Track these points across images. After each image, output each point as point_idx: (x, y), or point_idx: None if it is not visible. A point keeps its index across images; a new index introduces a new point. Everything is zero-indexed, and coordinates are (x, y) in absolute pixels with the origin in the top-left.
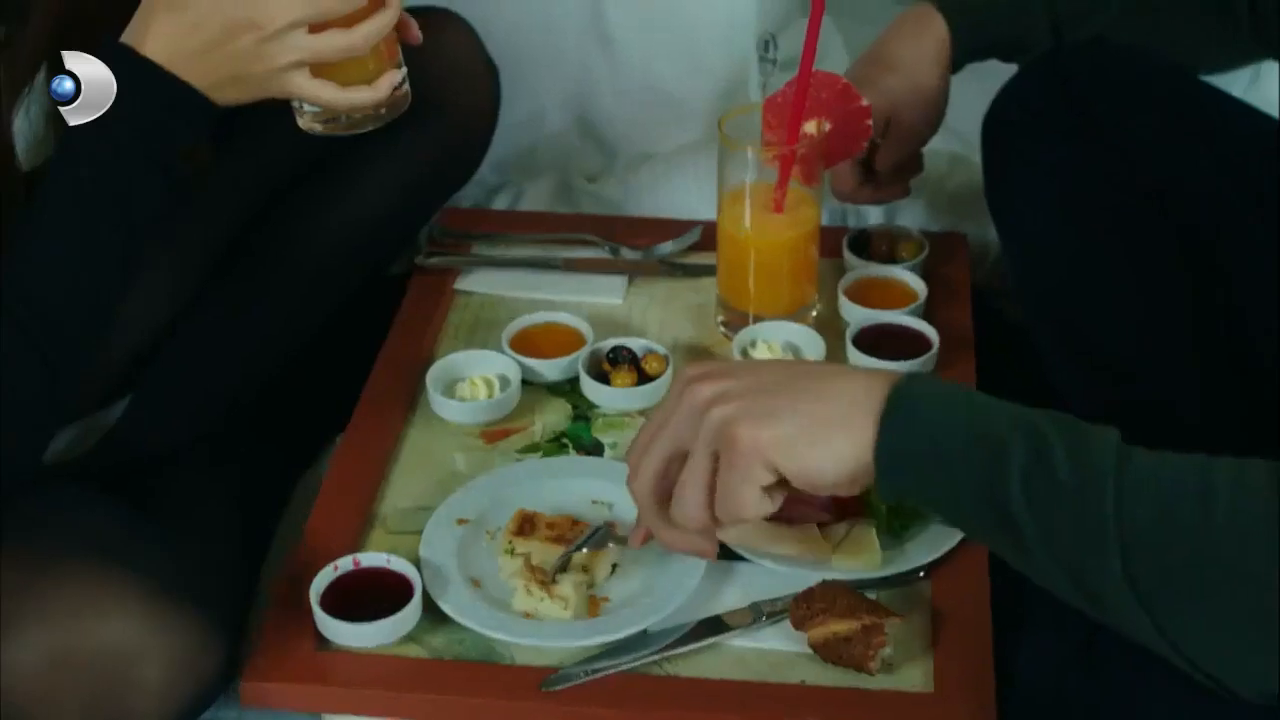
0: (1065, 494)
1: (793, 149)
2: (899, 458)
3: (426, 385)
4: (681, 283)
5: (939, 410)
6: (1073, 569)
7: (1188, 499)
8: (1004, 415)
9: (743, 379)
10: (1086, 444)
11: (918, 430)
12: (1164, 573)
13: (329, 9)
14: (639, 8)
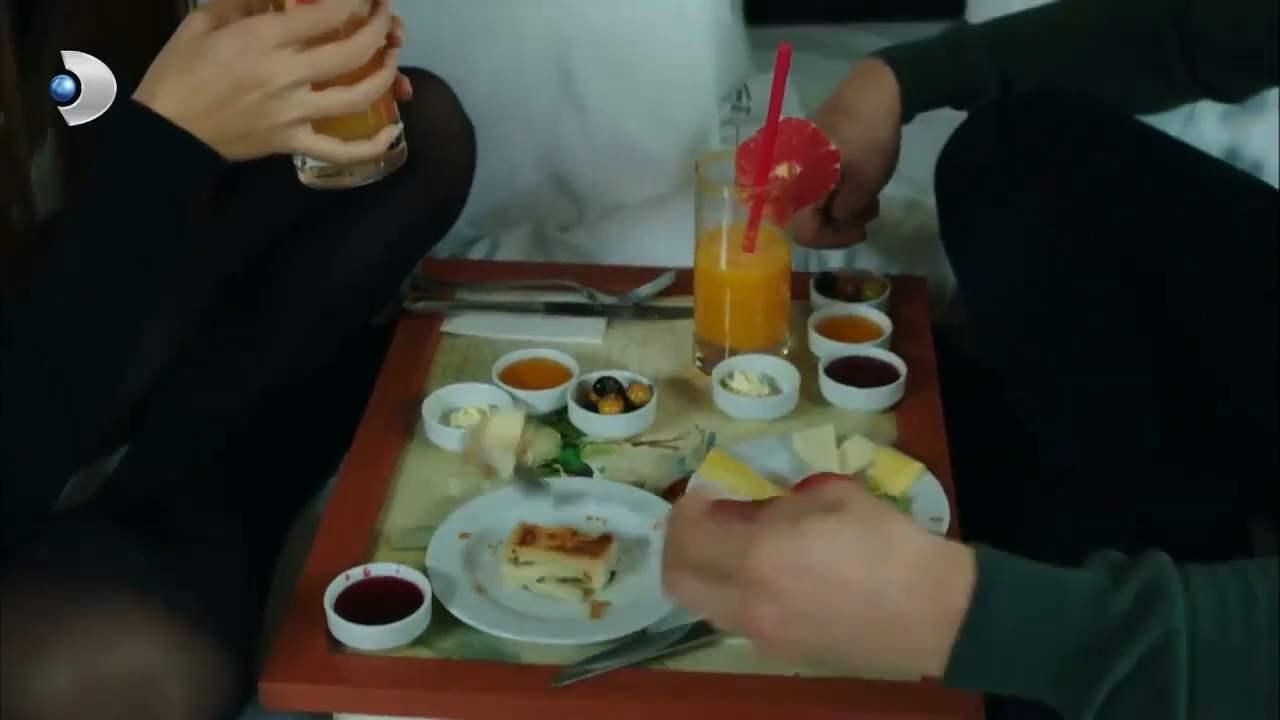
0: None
1: (764, 191)
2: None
3: (423, 415)
4: (657, 324)
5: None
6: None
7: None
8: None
9: (806, 624)
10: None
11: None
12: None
13: (331, 68)
14: (606, 68)
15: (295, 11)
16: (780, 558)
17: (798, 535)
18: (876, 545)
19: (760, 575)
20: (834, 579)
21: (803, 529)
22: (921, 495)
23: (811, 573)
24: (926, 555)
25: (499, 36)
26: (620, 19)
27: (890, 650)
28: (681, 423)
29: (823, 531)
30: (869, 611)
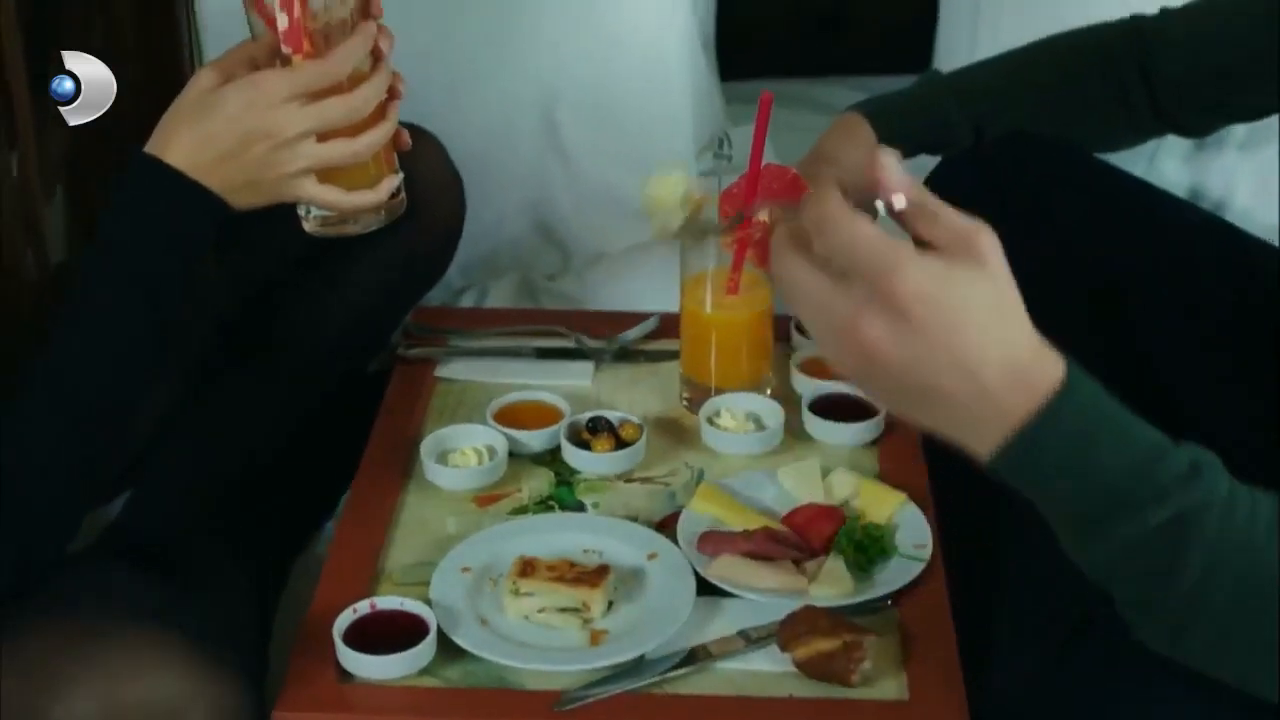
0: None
1: (747, 235)
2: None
3: (421, 455)
4: (644, 367)
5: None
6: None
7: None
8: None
9: (910, 356)
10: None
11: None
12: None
13: (335, 120)
14: (590, 121)
15: (301, 67)
16: (925, 285)
17: (949, 270)
18: (1006, 310)
19: (900, 292)
20: (959, 326)
21: (954, 269)
22: (905, 524)
23: (944, 312)
24: (1034, 341)
25: (486, 90)
26: (604, 74)
27: (964, 409)
28: (671, 460)
29: (969, 279)
30: (969, 370)
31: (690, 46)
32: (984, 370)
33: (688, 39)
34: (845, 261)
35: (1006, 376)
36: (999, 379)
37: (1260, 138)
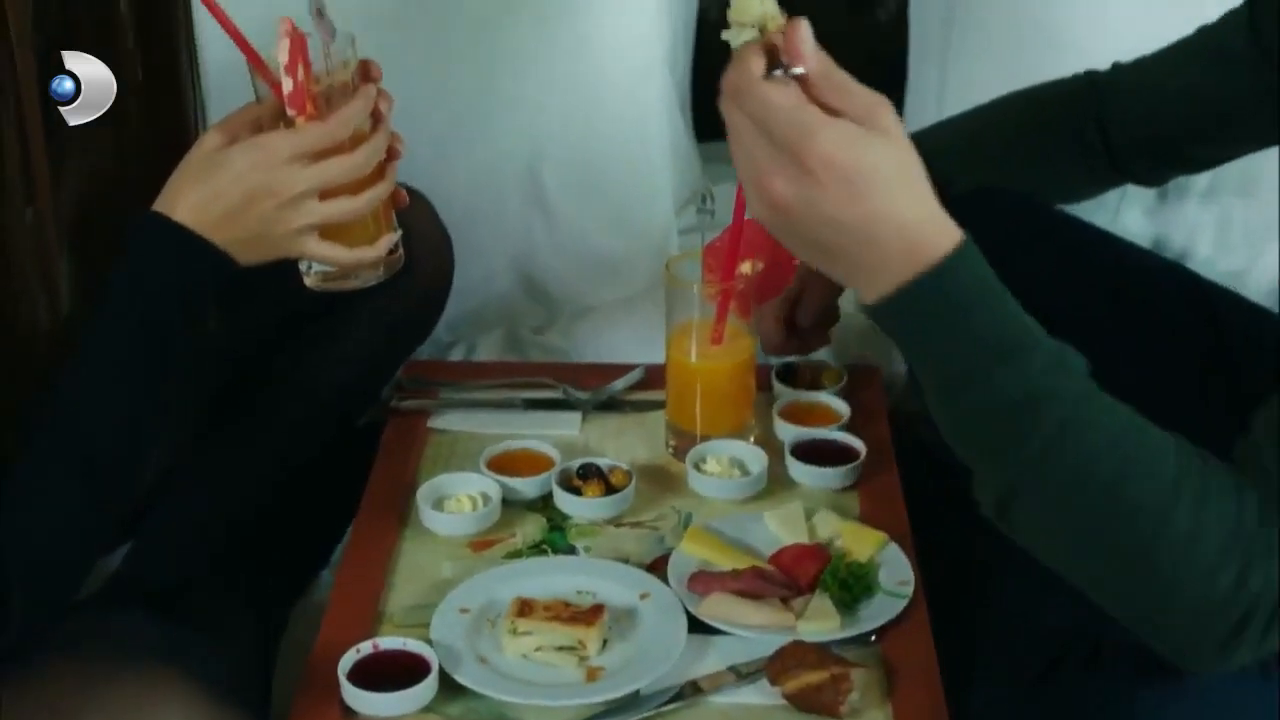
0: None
1: (731, 286)
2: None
3: (417, 502)
4: (630, 417)
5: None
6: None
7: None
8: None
9: (813, 214)
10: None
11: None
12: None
13: (337, 179)
14: (573, 178)
15: (305, 128)
16: (833, 150)
17: (857, 137)
18: (908, 177)
19: (810, 155)
20: (863, 190)
21: (861, 136)
22: (887, 563)
23: (849, 176)
24: (933, 209)
25: (472, 150)
26: (586, 133)
27: (858, 264)
28: (659, 505)
29: (874, 146)
30: (868, 232)
31: (669, 107)
32: (881, 230)
33: (666, 100)
34: (762, 125)
35: (901, 239)
36: (894, 240)
37: (1220, 188)
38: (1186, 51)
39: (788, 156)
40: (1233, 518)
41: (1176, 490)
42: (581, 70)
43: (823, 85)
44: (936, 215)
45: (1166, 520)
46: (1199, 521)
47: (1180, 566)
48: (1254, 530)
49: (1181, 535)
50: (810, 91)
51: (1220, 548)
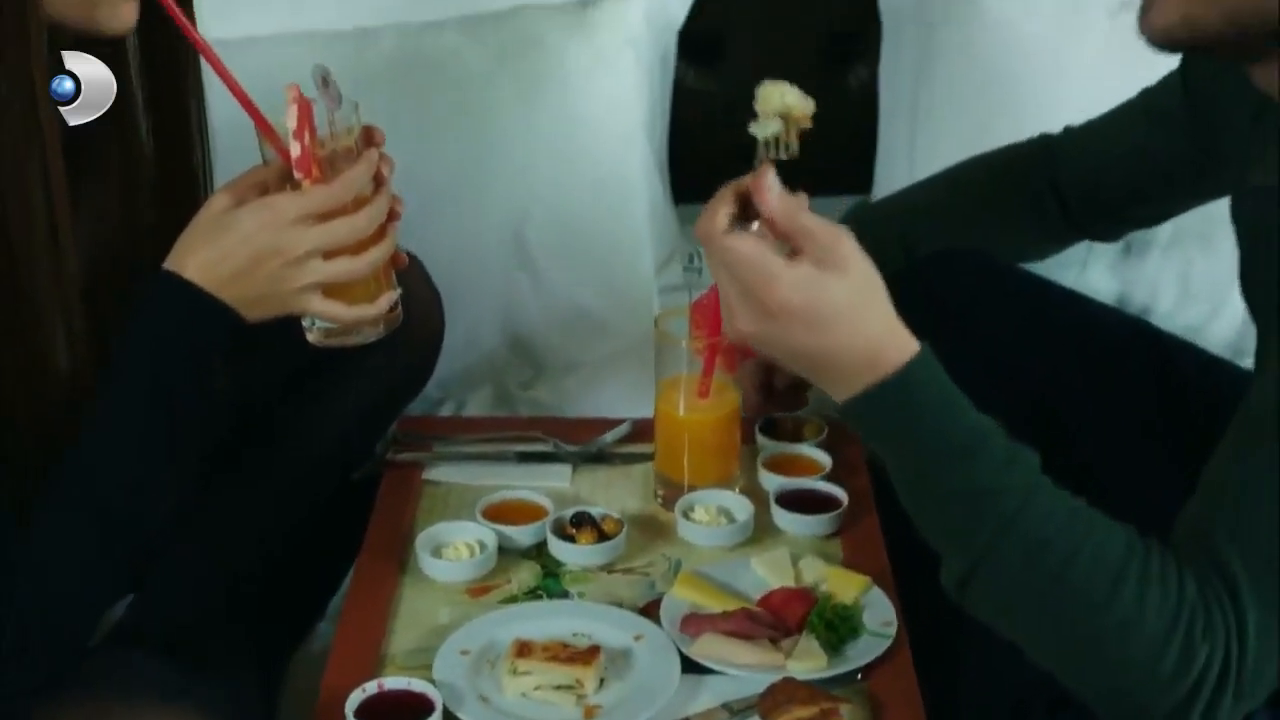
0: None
1: (717, 342)
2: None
3: (416, 550)
4: (618, 469)
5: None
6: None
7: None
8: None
9: (773, 345)
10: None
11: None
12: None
13: (341, 239)
14: (557, 240)
15: (311, 191)
16: (792, 296)
17: (815, 278)
18: (864, 306)
19: (769, 301)
20: (820, 326)
21: (820, 278)
22: (871, 605)
23: (808, 316)
24: (890, 326)
25: (460, 213)
26: (570, 197)
27: (824, 378)
28: (650, 552)
29: (832, 286)
30: (828, 358)
31: (648, 171)
32: (841, 355)
33: (645, 164)
34: (729, 270)
35: (860, 359)
36: (853, 361)
37: (1181, 240)
38: (1130, 113)
39: (753, 300)
40: (1175, 601)
41: (1120, 577)
42: (564, 136)
43: (785, 229)
44: (895, 330)
45: (1109, 605)
46: (1142, 606)
47: (1125, 647)
48: (1195, 609)
49: (1125, 619)
50: (774, 231)
51: (1164, 629)
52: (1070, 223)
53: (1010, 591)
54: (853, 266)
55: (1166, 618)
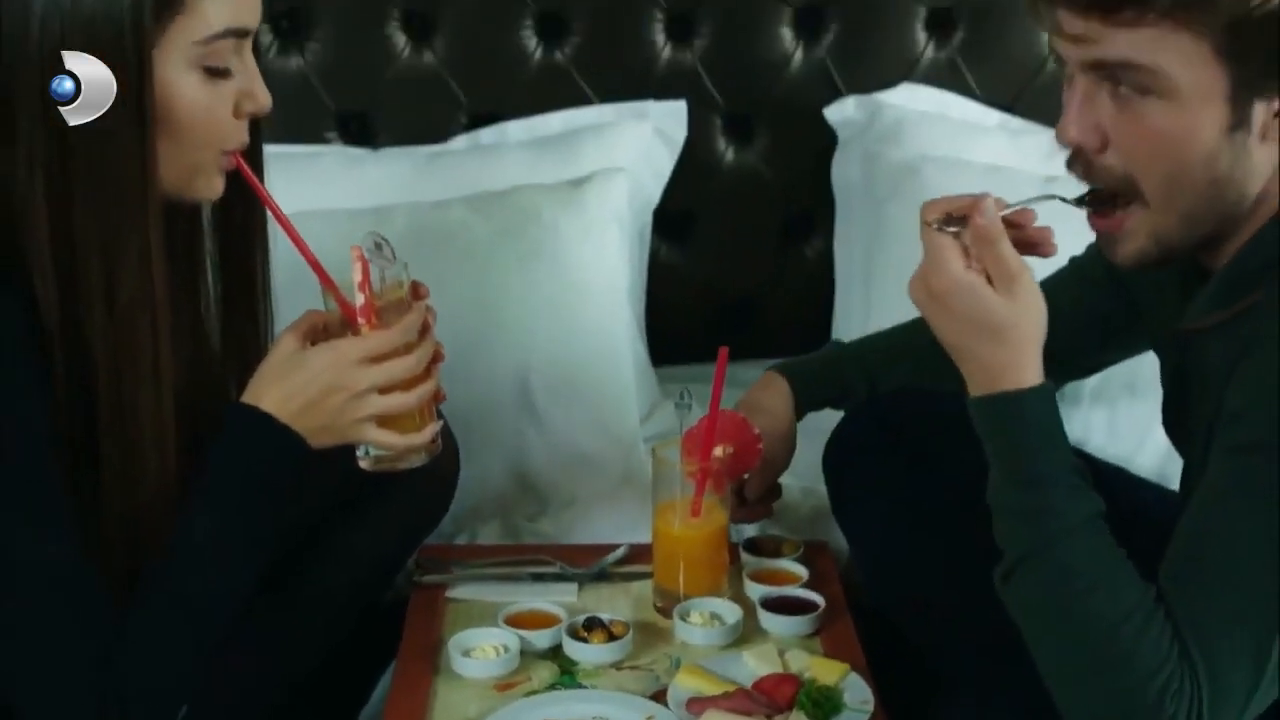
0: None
1: (706, 467)
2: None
3: (448, 651)
4: (619, 586)
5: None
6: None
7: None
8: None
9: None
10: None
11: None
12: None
13: (396, 377)
14: (557, 391)
15: (371, 336)
16: (949, 295)
17: (969, 294)
18: (1001, 331)
19: (931, 289)
20: (962, 328)
21: (978, 295)
22: (850, 687)
23: (949, 317)
24: (1022, 356)
25: (471, 367)
26: (567, 353)
27: (961, 366)
28: (653, 651)
29: (984, 303)
30: (960, 354)
31: (631, 333)
32: (974, 359)
33: (629, 326)
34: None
35: (992, 369)
36: (983, 368)
37: (1108, 390)
38: (1063, 280)
39: (928, 278)
40: (1161, 657)
41: (1125, 619)
42: (560, 299)
43: (979, 243)
44: (1028, 360)
45: (1108, 639)
46: (1135, 650)
47: (1111, 680)
48: (1175, 671)
49: (1117, 656)
50: (975, 241)
51: (1147, 676)
52: None
53: (1036, 597)
54: (1019, 296)
55: (1151, 666)
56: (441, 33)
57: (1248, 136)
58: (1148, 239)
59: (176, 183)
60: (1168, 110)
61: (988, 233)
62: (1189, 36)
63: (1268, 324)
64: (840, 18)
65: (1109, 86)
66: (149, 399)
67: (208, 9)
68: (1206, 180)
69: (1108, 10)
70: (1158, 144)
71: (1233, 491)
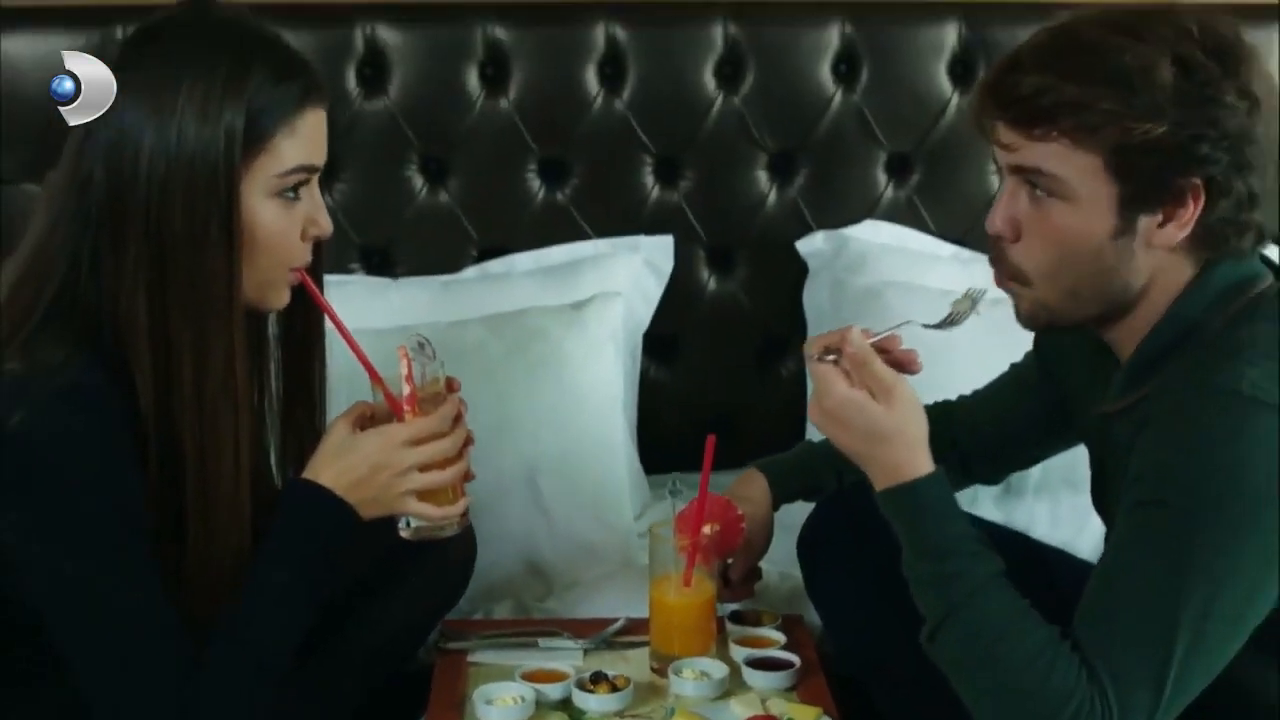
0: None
1: (695, 543)
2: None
3: (473, 700)
4: (618, 653)
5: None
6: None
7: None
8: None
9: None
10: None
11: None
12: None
13: (435, 457)
14: (562, 488)
15: (415, 422)
16: (837, 411)
17: (852, 407)
18: (889, 436)
19: (824, 409)
20: (855, 438)
21: (862, 407)
22: None
23: (845, 430)
24: (911, 454)
25: (484, 465)
26: (571, 454)
27: (864, 467)
28: (651, 703)
29: (867, 414)
30: (860, 459)
31: (626, 438)
32: (872, 462)
33: (623, 433)
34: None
35: (888, 467)
36: (881, 467)
37: (1049, 482)
38: (1003, 384)
39: (820, 402)
40: (1070, 685)
41: (1038, 653)
42: (564, 408)
43: (854, 365)
44: (918, 454)
45: (1021, 676)
46: (1046, 683)
47: (1033, 705)
48: (1084, 696)
49: (1031, 690)
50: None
51: (1058, 704)
52: (964, 469)
53: (958, 651)
54: (897, 404)
55: (1063, 694)
56: (455, 176)
57: (1132, 241)
58: (1037, 306)
59: (253, 295)
60: (1068, 211)
61: (859, 357)
62: (1085, 153)
63: (1158, 404)
64: (810, 162)
65: (1028, 188)
66: (229, 478)
67: (284, 149)
68: (1093, 270)
69: (1027, 126)
70: (1057, 236)
71: (1133, 540)
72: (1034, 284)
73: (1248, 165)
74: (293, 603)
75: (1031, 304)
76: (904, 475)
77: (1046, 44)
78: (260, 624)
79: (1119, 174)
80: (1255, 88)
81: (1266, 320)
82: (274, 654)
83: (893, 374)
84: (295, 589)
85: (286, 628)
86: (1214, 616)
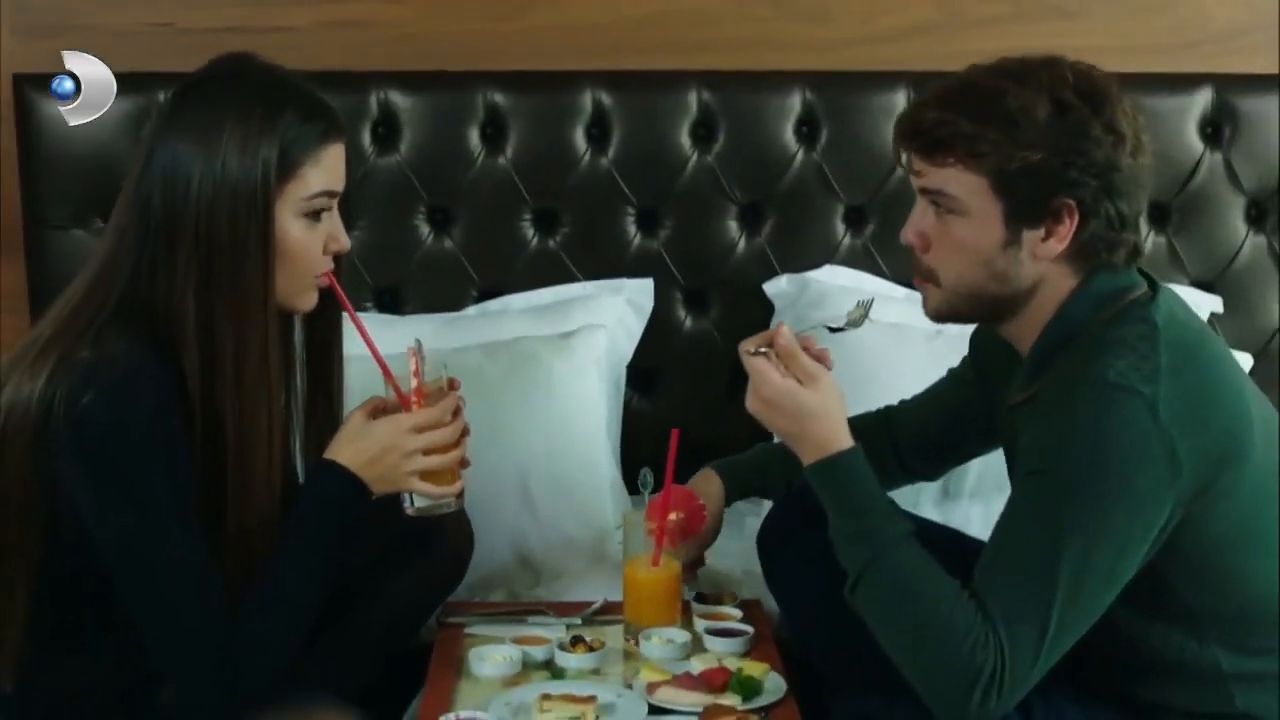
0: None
1: (663, 527)
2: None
3: (469, 658)
4: (596, 628)
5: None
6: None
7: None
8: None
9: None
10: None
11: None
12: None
13: (437, 443)
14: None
15: (420, 412)
16: (772, 399)
17: (787, 394)
18: (815, 416)
19: (761, 397)
20: (788, 419)
21: (793, 393)
22: (770, 680)
23: (779, 414)
24: (834, 431)
25: (480, 469)
26: (560, 459)
27: (796, 448)
28: (623, 664)
29: (798, 398)
30: (791, 439)
31: (607, 450)
32: (802, 439)
33: (605, 445)
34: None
35: (815, 444)
36: (809, 444)
37: (983, 487)
38: (942, 385)
39: (756, 392)
40: (969, 624)
41: (941, 598)
42: (553, 424)
43: (784, 357)
44: (839, 432)
45: (929, 618)
46: (951, 623)
47: (937, 649)
48: (980, 632)
49: (939, 629)
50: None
51: (959, 639)
52: (904, 468)
53: (875, 599)
54: (821, 389)
55: (962, 630)
56: (458, 224)
57: (1019, 251)
58: (941, 302)
59: (284, 298)
60: (964, 225)
61: (788, 349)
62: (976, 175)
63: (1045, 393)
64: (775, 213)
65: (934, 207)
66: (263, 455)
67: (310, 176)
68: (988, 275)
69: (930, 154)
70: (955, 247)
71: (1021, 504)
72: (942, 285)
73: (1115, 191)
74: (315, 562)
75: (938, 301)
76: (829, 449)
77: (948, 88)
78: (289, 579)
79: (1003, 193)
80: (1122, 126)
81: (1134, 322)
82: (300, 606)
83: (816, 364)
84: (317, 551)
85: (310, 583)
86: (1089, 569)
